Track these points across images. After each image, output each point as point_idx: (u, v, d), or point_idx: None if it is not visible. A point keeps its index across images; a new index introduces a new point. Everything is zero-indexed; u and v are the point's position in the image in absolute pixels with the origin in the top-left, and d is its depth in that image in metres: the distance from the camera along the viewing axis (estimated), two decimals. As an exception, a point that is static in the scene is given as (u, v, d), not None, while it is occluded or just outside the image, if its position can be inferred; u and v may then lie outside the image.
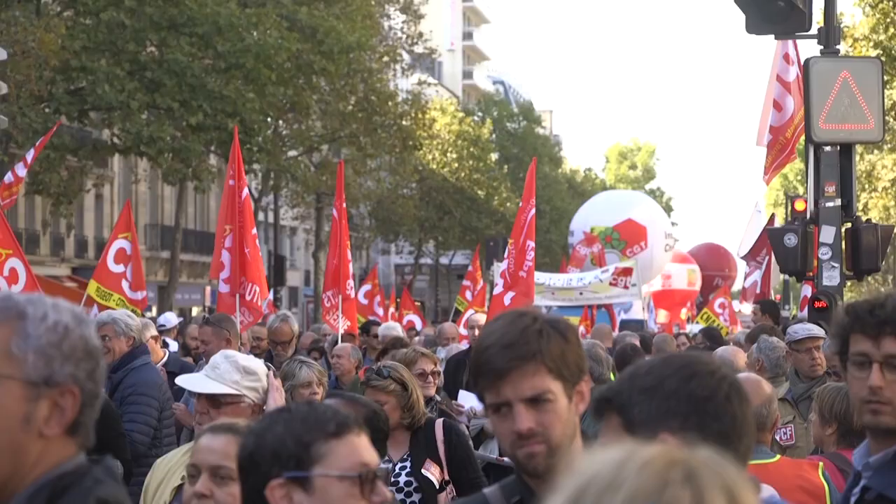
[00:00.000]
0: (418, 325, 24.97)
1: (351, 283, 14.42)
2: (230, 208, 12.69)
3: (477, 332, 12.93)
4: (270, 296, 26.91)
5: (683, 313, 41.80)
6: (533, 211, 13.39)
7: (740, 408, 2.65)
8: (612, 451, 1.64)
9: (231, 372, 5.60)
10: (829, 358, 8.71)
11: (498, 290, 13.40)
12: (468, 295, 24.97)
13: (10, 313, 2.47)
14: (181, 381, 6.00)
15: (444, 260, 70.23)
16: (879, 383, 3.56)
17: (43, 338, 2.45)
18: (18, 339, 2.44)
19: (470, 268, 28.00)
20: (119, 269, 13.32)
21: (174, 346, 15.55)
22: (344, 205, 14.59)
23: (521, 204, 13.74)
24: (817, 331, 9.18)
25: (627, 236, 37.74)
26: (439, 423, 7.05)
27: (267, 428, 3.02)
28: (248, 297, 12.33)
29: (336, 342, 13.33)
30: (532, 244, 13.34)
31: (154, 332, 11.23)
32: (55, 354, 2.45)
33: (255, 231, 12.87)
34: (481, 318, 14.10)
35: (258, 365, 5.79)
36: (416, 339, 18.25)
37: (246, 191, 12.80)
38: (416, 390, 6.90)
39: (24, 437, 2.43)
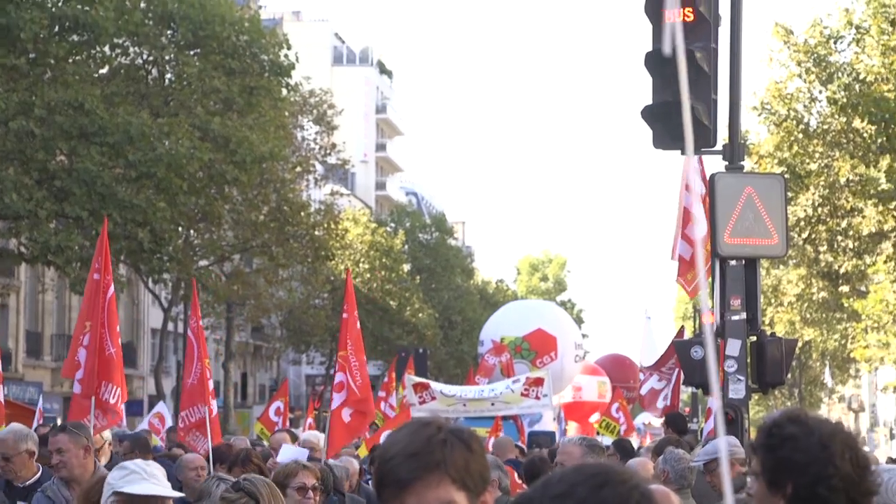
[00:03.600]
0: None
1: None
2: (92, 304, 11.98)
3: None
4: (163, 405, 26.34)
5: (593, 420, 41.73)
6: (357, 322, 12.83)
7: (650, 518, 2.67)
8: None
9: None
10: None
11: (337, 403, 12.53)
12: (382, 406, 24.88)
13: None
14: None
15: (355, 371, 69.77)
16: None
17: None
18: None
19: (385, 378, 27.78)
20: None
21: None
22: (200, 322, 14.27)
23: (345, 316, 12.76)
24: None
25: (537, 346, 37.73)
26: None
27: None
28: (110, 400, 11.70)
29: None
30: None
31: (31, 446, 9.54)
32: None
33: (118, 329, 12.13)
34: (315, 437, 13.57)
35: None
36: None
37: (112, 290, 12.09)
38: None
39: None
